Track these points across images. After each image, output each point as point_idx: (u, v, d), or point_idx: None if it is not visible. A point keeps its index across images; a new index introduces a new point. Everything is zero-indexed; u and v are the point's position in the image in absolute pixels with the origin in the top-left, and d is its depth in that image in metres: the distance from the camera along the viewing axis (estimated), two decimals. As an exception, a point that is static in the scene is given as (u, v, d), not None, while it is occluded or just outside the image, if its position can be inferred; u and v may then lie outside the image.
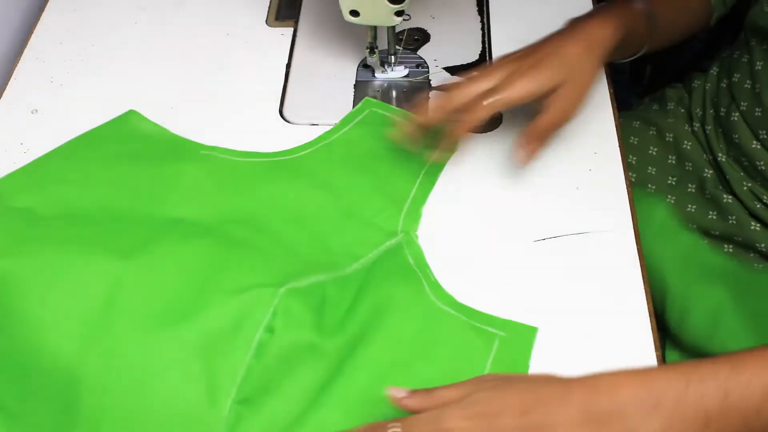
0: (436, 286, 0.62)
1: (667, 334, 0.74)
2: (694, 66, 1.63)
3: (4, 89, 0.80)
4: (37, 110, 0.78)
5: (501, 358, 0.58)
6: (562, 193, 0.69)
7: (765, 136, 0.74)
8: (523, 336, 0.60)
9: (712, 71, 0.84)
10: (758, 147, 0.74)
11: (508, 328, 0.60)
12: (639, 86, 1.67)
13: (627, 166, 0.71)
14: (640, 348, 0.60)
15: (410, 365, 0.58)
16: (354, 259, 0.63)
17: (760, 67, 0.75)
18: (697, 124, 0.81)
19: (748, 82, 0.76)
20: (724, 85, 0.80)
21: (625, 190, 0.69)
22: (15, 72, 0.81)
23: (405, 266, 0.63)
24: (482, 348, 0.59)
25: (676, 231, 0.75)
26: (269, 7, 0.87)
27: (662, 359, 0.59)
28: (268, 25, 0.86)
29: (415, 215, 0.67)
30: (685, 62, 1.59)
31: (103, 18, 0.87)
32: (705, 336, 0.68)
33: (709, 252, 0.74)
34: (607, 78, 0.78)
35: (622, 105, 0.86)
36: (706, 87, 0.83)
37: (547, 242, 0.66)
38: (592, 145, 0.72)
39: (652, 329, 0.60)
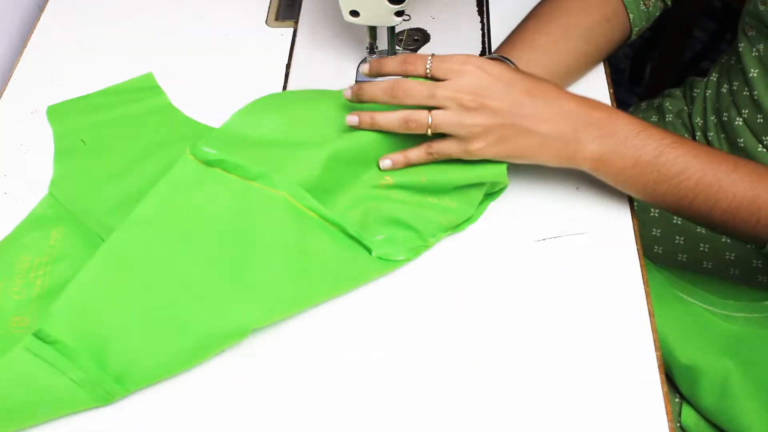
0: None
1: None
2: (694, 65, 1.64)
3: (4, 89, 0.80)
4: (37, 110, 0.78)
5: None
6: (562, 193, 0.69)
7: None
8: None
9: (711, 77, 0.84)
10: (764, 151, 0.75)
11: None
12: (638, 86, 1.68)
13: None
14: (639, 348, 0.60)
15: None
16: None
17: (755, 75, 0.75)
18: (698, 133, 0.81)
19: (746, 89, 0.76)
20: (725, 90, 0.80)
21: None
22: (15, 72, 0.82)
23: None
24: None
25: (673, 299, 0.75)
26: (269, 7, 0.88)
27: (661, 362, 0.59)
28: (268, 25, 0.86)
29: None
30: (685, 62, 1.60)
31: (102, 18, 0.87)
32: (716, 406, 0.69)
33: (710, 317, 0.73)
34: (607, 78, 0.78)
35: (621, 105, 0.87)
36: (707, 93, 0.83)
37: (547, 242, 0.66)
38: (592, 145, 0.72)
39: (652, 330, 0.61)
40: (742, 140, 0.76)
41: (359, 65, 0.81)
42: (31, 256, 0.65)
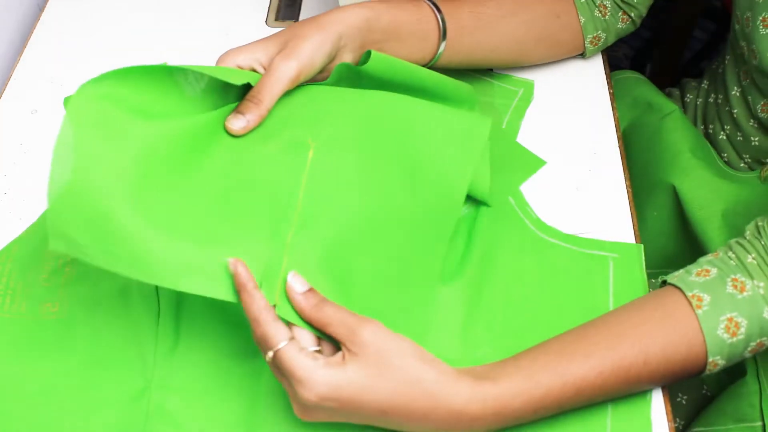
0: (538, 223, 0.65)
1: None
2: (694, 65, 1.64)
3: (4, 89, 0.80)
4: (37, 110, 0.78)
5: (619, 280, 0.62)
6: (562, 193, 0.69)
7: (749, 160, 0.76)
8: (633, 254, 0.63)
9: (703, 84, 0.84)
10: (746, 167, 0.76)
11: (617, 248, 0.64)
12: (638, 86, 1.67)
13: (627, 166, 0.71)
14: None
15: (539, 297, 0.61)
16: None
17: (736, 94, 0.75)
18: None
19: (727, 106, 0.77)
20: (711, 101, 0.81)
21: (625, 190, 0.69)
22: (15, 72, 0.82)
23: (507, 207, 0.66)
24: (600, 272, 0.62)
25: None
26: (269, 7, 0.87)
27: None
28: (268, 25, 0.86)
29: None
30: (685, 62, 1.60)
31: (102, 19, 0.87)
32: None
33: None
34: (606, 78, 0.78)
35: (621, 105, 0.87)
36: (698, 102, 0.84)
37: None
38: (592, 145, 0.72)
39: (652, 329, 0.61)
40: (725, 155, 0.78)
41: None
42: None
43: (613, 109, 0.75)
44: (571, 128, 0.74)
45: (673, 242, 0.78)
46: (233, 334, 0.60)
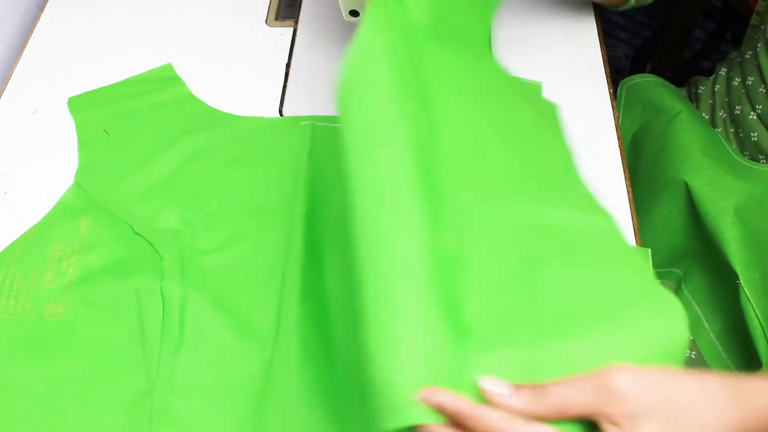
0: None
1: None
2: (693, 65, 1.64)
3: (4, 89, 0.80)
4: (37, 110, 0.78)
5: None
6: (562, 193, 0.69)
7: None
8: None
9: (720, 72, 0.84)
10: None
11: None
12: (638, 86, 1.67)
13: (627, 166, 0.71)
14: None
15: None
16: None
17: None
18: None
19: (762, 86, 0.77)
20: (736, 84, 0.81)
21: (625, 190, 0.69)
22: (15, 72, 0.82)
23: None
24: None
25: None
26: (269, 7, 0.88)
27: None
28: (268, 25, 0.86)
29: None
30: (685, 62, 1.60)
31: (102, 18, 0.87)
32: None
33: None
34: (606, 78, 0.78)
35: (621, 105, 0.87)
36: (715, 89, 0.84)
37: (547, 242, 0.66)
38: (592, 145, 0.72)
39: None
40: (755, 134, 0.77)
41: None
42: (62, 246, 0.66)
43: (613, 109, 0.75)
44: (571, 128, 0.73)
45: (682, 240, 0.78)
46: (237, 336, 0.60)
